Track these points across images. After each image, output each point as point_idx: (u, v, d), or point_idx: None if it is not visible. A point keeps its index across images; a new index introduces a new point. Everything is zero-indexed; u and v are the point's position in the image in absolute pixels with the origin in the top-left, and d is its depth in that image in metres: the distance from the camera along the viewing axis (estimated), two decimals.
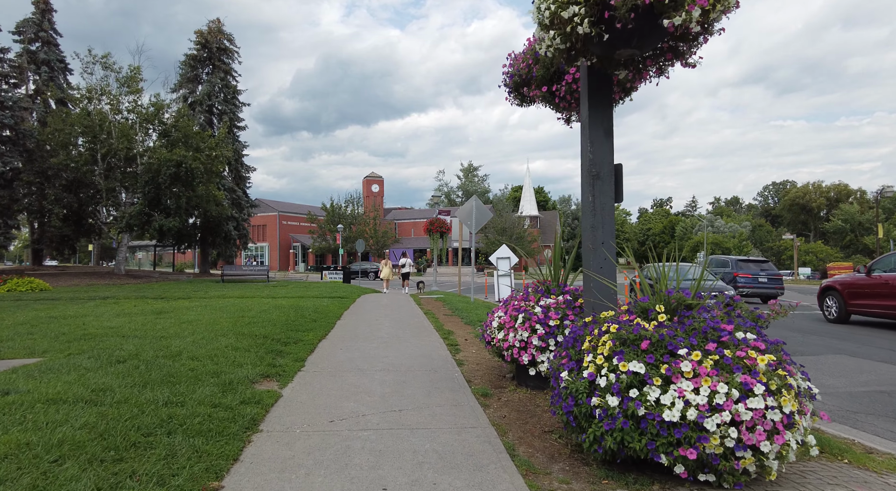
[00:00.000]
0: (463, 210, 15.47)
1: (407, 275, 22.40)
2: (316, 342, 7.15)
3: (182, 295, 16.06)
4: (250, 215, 33.76)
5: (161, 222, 22.50)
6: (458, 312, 11.80)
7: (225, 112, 32.87)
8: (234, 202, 32.02)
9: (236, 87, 33.93)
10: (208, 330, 7.64)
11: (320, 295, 16.67)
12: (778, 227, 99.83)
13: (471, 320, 10.00)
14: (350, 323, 9.62)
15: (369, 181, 70.80)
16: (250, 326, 8.14)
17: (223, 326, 8.12)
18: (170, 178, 21.48)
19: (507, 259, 23.34)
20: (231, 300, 13.92)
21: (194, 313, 10.02)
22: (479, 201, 15.39)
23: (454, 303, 14.37)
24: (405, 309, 12.69)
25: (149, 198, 22.39)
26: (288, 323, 8.68)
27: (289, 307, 11.21)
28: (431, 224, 25.65)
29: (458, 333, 8.41)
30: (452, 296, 18.42)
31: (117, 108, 23.75)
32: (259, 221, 69.34)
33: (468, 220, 15.36)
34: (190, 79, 32.35)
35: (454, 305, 13.64)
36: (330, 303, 13.10)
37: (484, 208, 15.42)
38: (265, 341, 6.77)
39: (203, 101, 31.88)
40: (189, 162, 21.63)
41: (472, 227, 15.31)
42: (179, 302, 13.37)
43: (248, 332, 7.46)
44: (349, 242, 52.32)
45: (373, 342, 7.39)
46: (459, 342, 7.52)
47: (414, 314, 11.37)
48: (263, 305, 12.05)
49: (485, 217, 15.46)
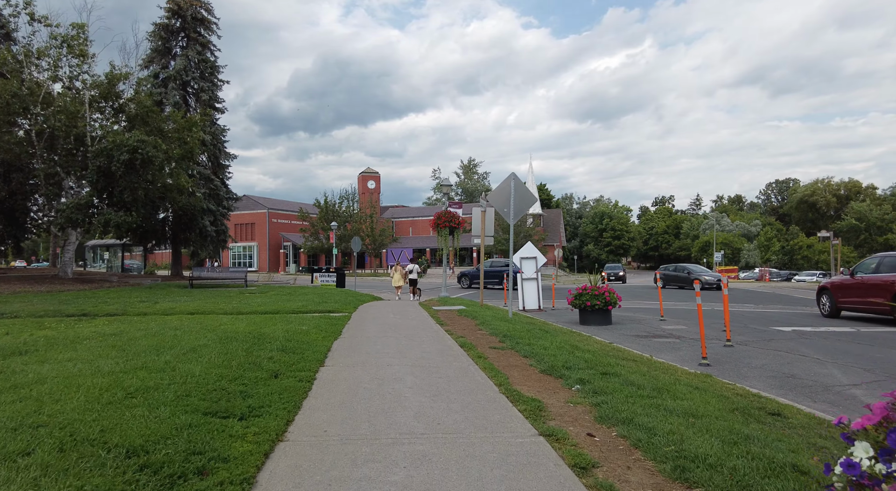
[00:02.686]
0: (498, 194, 11.37)
1: (415, 281, 19.08)
2: (251, 471, 2.86)
3: (115, 309, 11.87)
4: (230, 209, 29.45)
5: (109, 217, 18.24)
6: (511, 340, 7.70)
7: (203, 90, 28.62)
8: (210, 194, 27.78)
9: (215, 62, 29.70)
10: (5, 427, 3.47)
11: (304, 308, 12.53)
12: (789, 225, 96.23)
13: (551, 365, 5.91)
14: (341, 379, 5.31)
15: (365, 177, 66.56)
16: (126, 404, 3.85)
17: (65, 407, 3.81)
18: (124, 166, 17.24)
19: (532, 259, 19.27)
20: (172, 320, 9.77)
21: (68, 354, 5.82)
22: (519, 180, 11.30)
23: (489, 320, 10.28)
24: (426, 335, 8.57)
25: (98, 188, 18.11)
26: (216, 388, 4.35)
27: (244, 337, 7.03)
28: (440, 218, 21.50)
29: (551, 404, 4.32)
30: (475, 306, 14.36)
31: (56, 75, 19.43)
32: (247, 219, 64.92)
33: (505, 206, 11.27)
34: (160, 52, 28.06)
35: (493, 324, 9.54)
36: (313, 325, 8.94)
37: (526, 190, 11.33)
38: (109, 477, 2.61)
39: (176, 77, 27.61)
40: (147, 149, 17.38)
41: (509, 216, 11.22)
42: (90, 323, 9.18)
43: (96, 434, 3.21)
44: (344, 242, 48.12)
45: (394, 451, 3.26)
46: (576, 438, 3.43)
47: (445, 348, 7.25)
48: (208, 330, 7.86)
49: (527, 201, 11.38)
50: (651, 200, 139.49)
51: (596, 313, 14.02)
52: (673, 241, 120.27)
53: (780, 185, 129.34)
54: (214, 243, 28.29)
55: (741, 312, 16.51)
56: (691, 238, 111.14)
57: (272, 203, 67.72)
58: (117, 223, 18.20)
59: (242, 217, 65.10)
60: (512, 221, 11.27)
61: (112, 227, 18.35)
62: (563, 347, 7.19)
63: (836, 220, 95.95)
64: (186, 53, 28.13)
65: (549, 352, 6.63)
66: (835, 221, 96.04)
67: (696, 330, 9.79)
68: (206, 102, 28.55)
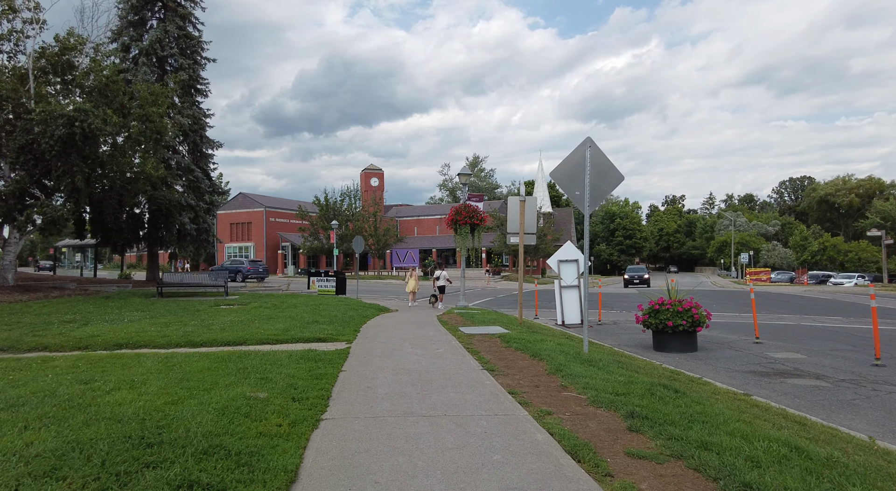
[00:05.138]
0: (567, 169, 7.65)
1: (443, 288, 17.00)
2: None
3: (6, 338, 8.23)
4: (214, 205, 25.77)
5: (44, 209, 14.53)
6: (650, 424, 3.99)
7: (183, 68, 24.98)
8: (190, 186, 24.13)
9: (199, 38, 26.07)
10: None
11: (283, 334, 8.85)
12: (809, 225, 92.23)
13: None
14: None
15: (368, 174, 62.91)
16: None
17: None
18: (59, 142, 13.50)
19: (573, 263, 15.66)
20: (84, 359, 6.15)
21: None
22: (598, 147, 7.59)
23: (560, 361, 6.60)
24: (479, 406, 4.88)
25: (31, 172, 14.38)
26: None
27: (117, 442, 3.33)
28: (458, 213, 17.86)
29: None
30: (513, 324, 10.65)
31: None
32: (243, 218, 61.35)
33: (576, 185, 7.59)
34: (133, 23, 24.41)
35: (572, 371, 5.86)
36: (283, 383, 5.22)
37: (608, 161, 7.62)
38: None
39: (150, 51, 23.97)
40: (91, 120, 13.64)
41: (583, 200, 7.53)
42: None
43: None
44: (345, 242, 44.43)
45: None
46: None
47: (547, 466, 3.54)
48: (59, 419, 4.13)
49: (610, 178, 7.69)
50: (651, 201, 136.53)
51: (679, 337, 10.62)
52: (685, 241, 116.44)
53: (793, 183, 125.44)
54: (196, 243, 24.62)
55: (856, 329, 12.81)
56: (706, 239, 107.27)
57: (269, 201, 64.11)
58: (53, 218, 14.48)
59: (238, 216, 61.50)
60: (587, 208, 7.57)
61: (47, 223, 14.68)
62: (775, 451, 3.55)
63: (858, 220, 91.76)
64: (164, 26, 24.50)
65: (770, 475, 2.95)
66: (857, 221, 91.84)
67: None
68: (187, 83, 24.92)
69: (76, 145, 13.46)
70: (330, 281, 23.26)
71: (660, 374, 7.10)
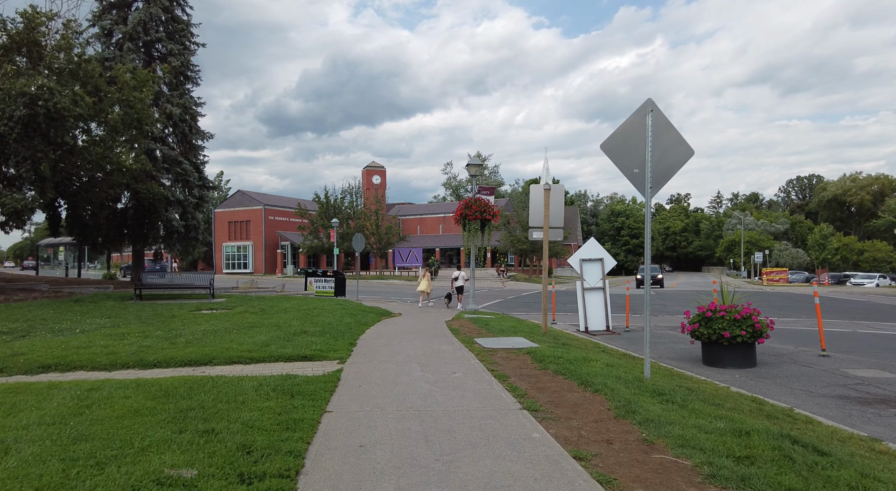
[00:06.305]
0: (623, 136, 5.90)
1: (461, 289, 16.49)
2: None
3: None
4: (203, 200, 24.05)
5: (4, 200, 12.82)
6: None
7: (172, 54, 23.30)
8: (178, 179, 22.43)
9: (188, 22, 24.38)
10: None
11: (261, 350, 7.13)
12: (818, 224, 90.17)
13: None
14: None
15: (370, 171, 61.17)
16: None
17: None
18: (19, 124, 11.80)
19: (597, 262, 14.02)
20: None
21: None
22: (660, 112, 5.85)
23: (624, 395, 4.86)
24: (513, 473, 3.13)
25: None
26: None
27: None
28: (468, 207, 16.19)
29: None
30: (536, 334, 8.91)
31: None
32: (241, 217, 59.69)
33: (634, 162, 5.85)
34: (114, 4, 22.72)
35: (636, 405, 4.11)
36: (245, 423, 3.47)
37: (677, 134, 5.87)
38: None
39: (135, 35, 22.27)
40: (57, 99, 11.93)
41: (643, 179, 5.80)
42: None
43: None
44: (346, 241, 42.73)
45: None
46: None
47: None
48: None
49: (676, 153, 5.95)
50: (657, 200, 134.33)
51: (736, 350, 9.02)
52: (693, 240, 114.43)
53: (800, 182, 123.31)
54: (184, 241, 22.93)
55: None
56: (713, 238, 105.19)
57: (269, 199, 62.43)
58: (14, 209, 12.78)
59: (236, 214, 59.87)
60: (648, 190, 5.82)
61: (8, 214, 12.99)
62: None
63: (870, 219, 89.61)
64: (148, 8, 22.78)
65: None
66: (869, 220, 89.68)
67: None
68: (177, 69, 23.23)
69: (39, 128, 11.77)
70: (328, 282, 21.60)
71: (749, 407, 5.37)
